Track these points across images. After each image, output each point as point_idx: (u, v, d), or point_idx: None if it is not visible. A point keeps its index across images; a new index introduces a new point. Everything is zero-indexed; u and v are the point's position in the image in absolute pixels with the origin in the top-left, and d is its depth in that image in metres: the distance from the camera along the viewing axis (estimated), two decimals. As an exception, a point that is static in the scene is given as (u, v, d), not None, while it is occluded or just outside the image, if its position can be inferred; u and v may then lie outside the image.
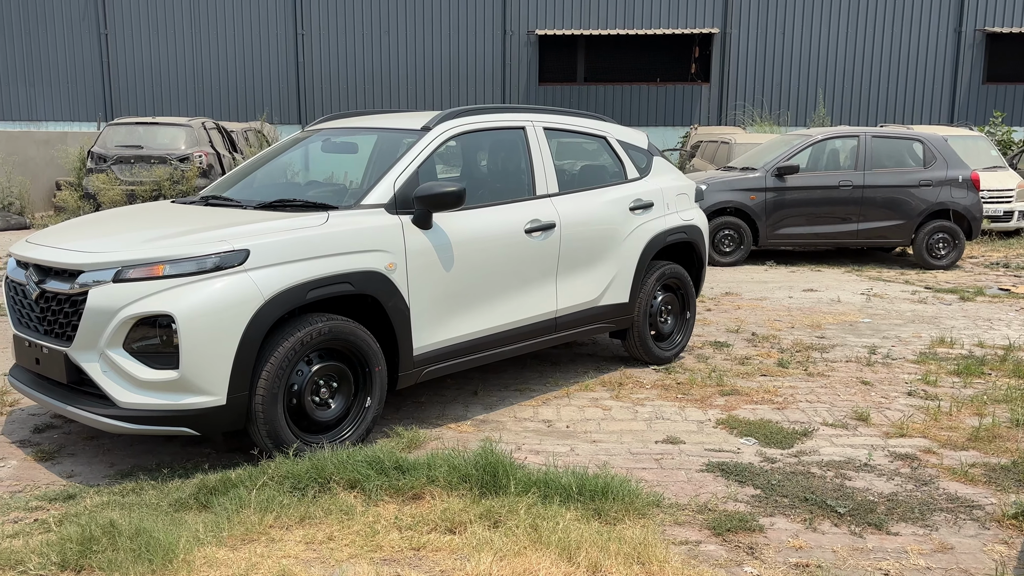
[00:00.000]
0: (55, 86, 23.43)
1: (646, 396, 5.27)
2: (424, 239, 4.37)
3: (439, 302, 4.46)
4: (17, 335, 4.16)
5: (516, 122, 5.14)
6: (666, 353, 5.95)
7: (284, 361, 3.84)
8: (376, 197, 4.32)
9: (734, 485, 3.89)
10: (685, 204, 6.06)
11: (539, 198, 5.07)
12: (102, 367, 3.72)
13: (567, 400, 5.19)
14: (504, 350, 4.90)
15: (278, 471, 3.69)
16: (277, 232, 3.90)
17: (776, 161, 10.62)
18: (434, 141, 4.65)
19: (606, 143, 5.74)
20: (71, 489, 3.75)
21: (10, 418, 4.76)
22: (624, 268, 5.52)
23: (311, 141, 5.41)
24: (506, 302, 4.83)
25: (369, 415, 4.23)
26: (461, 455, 3.80)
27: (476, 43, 22.65)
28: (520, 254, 4.87)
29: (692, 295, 6.14)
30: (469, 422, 4.78)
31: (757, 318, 7.55)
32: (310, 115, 23.10)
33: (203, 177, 13.44)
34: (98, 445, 4.36)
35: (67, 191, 13.73)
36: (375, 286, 4.15)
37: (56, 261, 3.86)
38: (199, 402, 3.68)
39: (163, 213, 4.61)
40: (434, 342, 4.49)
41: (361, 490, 3.62)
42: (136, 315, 3.63)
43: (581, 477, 3.63)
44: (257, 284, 3.74)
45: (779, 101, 21.98)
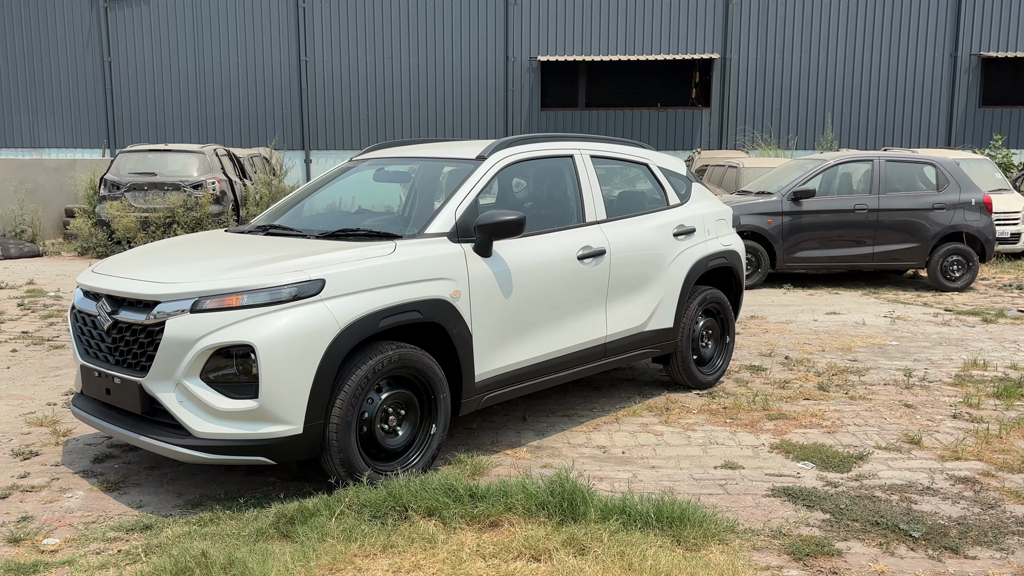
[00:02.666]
0: (59, 113, 23.46)
1: (695, 421, 5.30)
2: (485, 267, 4.42)
3: (499, 329, 4.51)
4: (85, 365, 4.17)
5: (565, 150, 5.21)
6: (708, 378, 5.99)
7: (357, 389, 3.87)
8: (439, 226, 4.37)
9: (803, 510, 3.93)
10: (724, 229, 6.14)
11: (589, 225, 5.13)
12: (178, 397, 3.73)
13: (617, 425, 5.22)
14: (558, 376, 4.94)
15: (355, 500, 3.70)
16: (350, 261, 3.94)
17: (792, 185, 10.74)
18: (491, 170, 4.71)
19: (648, 170, 5.82)
20: (145, 519, 3.75)
21: (67, 448, 4.75)
22: (669, 293, 5.58)
23: (359, 170, 5.46)
24: (560, 328, 4.87)
25: (434, 442, 4.25)
26: (535, 482, 3.82)
27: (479, 69, 22.84)
28: (573, 280, 4.92)
29: (732, 319, 6.20)
30: (524, 448, 4.80)
31: (787, 341, 7.60)
32: (314, 142, 23.20)
33: (216, 204, 13.48)
34: (161, 475, 4.36)
35: (81, 218, 13.73)
36: (442, 314, 4.19)
37: (130, 292, 3.88)
38: (276, 431, 3.69)
39: (227, 243, 4.64)
40: (494, 368, 4.52)
41: (439, 518, 3.64)
42: (215, 345, 3.65)
43: (658, 504, 3.66)
44: (333, 313, 3.78)
45: (780, 125, 22.22)
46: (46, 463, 4.52)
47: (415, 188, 5.26)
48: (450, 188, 4.67)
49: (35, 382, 6.13)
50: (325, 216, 5.25)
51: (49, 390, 5.92)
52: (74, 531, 3.68)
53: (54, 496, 4.08)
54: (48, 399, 5.71)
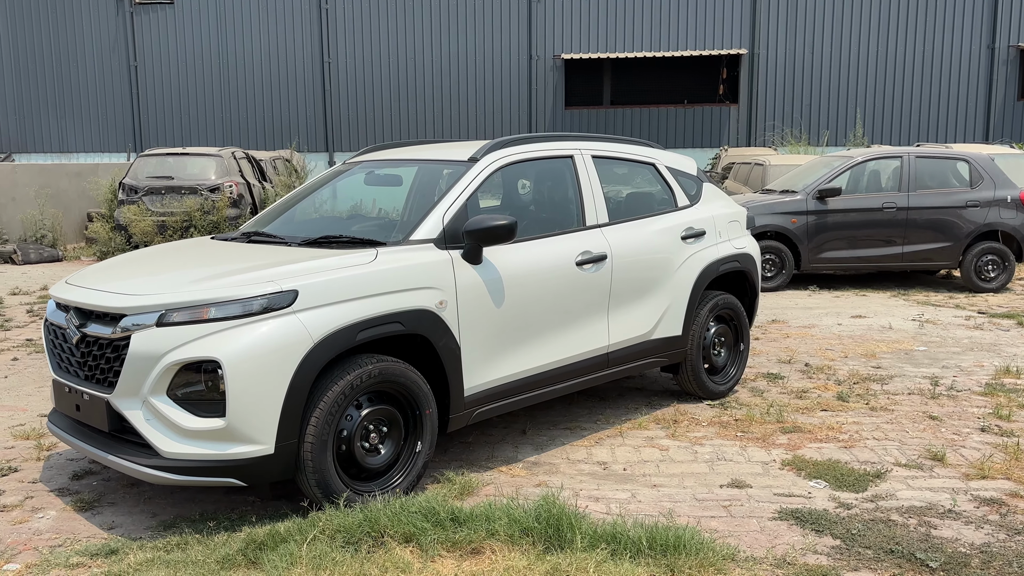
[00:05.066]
0: (85, 118, 23.68)
1: (704, 435, 5.03)
2: (474, 275, 4.19)
3: (490, 340, 4.27)
4: (57, 380, 4.02)
5: (564, 151, 4.97)
6: (720, 387, 5.71)
7: (334, 406, 3.66)
8: (425, 232, 4.15)
9: (811, 535, 3.65)
10: (737, 232, 5.85)
11: (589, 229, 4.88)
12: (145, 415, 3.55)
13: (621, 439, 4.96)
14: (556, 388, 4.69)
15: (329, 524, 3.49)
16: (325, 271, 3.74)
17: (817, 183, 10.37)
18: (482, 173, 4.48)
19: (655, 170, 5.55)
20: (112, 543, 3.58)
21: (48, 464, 4.61)
22: (677, 300, 5.31)
23: (353, 173, 5.27)
24: (557, 338, 4.63)
25: (420, 460, 4.03)
26: (521, 506, 3.58)
27: (502, 68, 22.63)
28: (571, 288, 4.68)
29: (746, 326, 5.90)
30: (520, 464, 4.56)
31: (808, 347, 7.28)
32: (337, 143, 23.16)
33: (233, 207, 13.40)
34: (139, 493, 4.20)
35: (99, 223, 13.74)
36: (426, 325, 3.97)
37: (97, 304, 3.71)
38: (246, 452, 3.50)
39: (205, 251, 4.47)
40: (485, 382, 4.29)
41: (417, 544, 3.42)
42: (180, 361, 3.46)
43: (651, 530, 3.40)
44: (306, 326, 3.57)
45: (809, 121, 21.72)
46: (24, 480, 4.37)
47: (405, 192, 5.04)
48: (439, 192, 4.44)
49: (30, 392, 6.02)
50: (314, 222, 5.05)
51: (43, 401, 5.80)
52: (38, 555, 3.52)
53: (25, 516, 3.92)
54: (41, 410, 5.59)
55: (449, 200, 4.29)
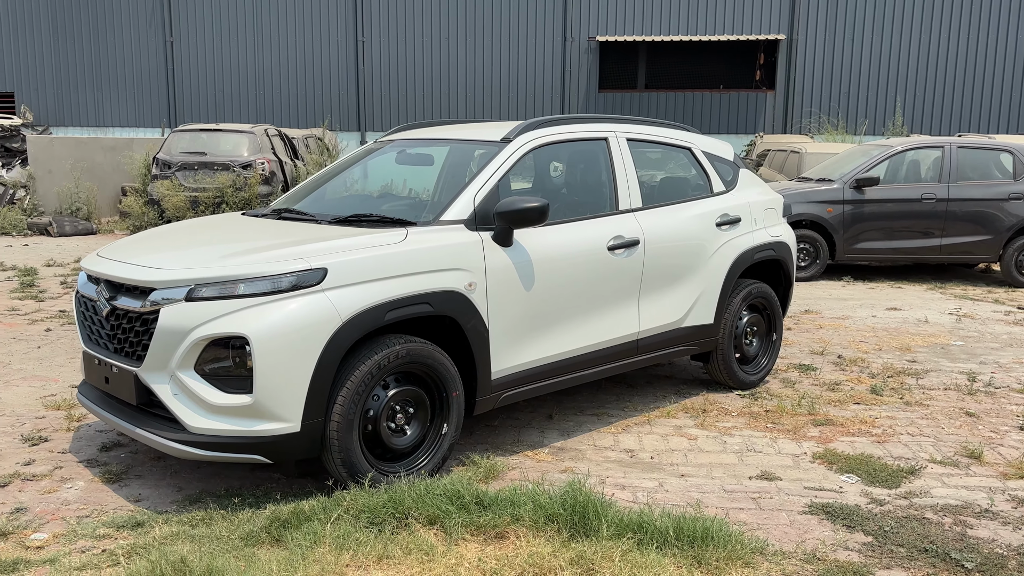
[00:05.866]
0: (122, 92, 23.88)
1: (733, 425, 4.95)
2: (504, 257, 4.14)
3: (518, 323, 4.22)
4: (87, 352, 4.03)
5: (598, 133, 4.88)
6: (751, 377, 5.62)
7: (361, 386, 3.64)
8: (455, 213, 4.10)
9: (842, 530, 3.57)
10: (773, 219, 5.73)
11: (622, 213, 4.80)
12: (172, 389, 3.55)
13: (648, 427, 4.90)
14: (584, 374, 4.64)
15: (353, 504, 3.48)
16: (355, 250, 3.70)
17: (855, 172, 10.17)
18: (515, 154, 4.41)
19: (691, 154, 5.45)
20: (139, 516, 3.59)
21: (77, 434, 4.65)
22: (709, 287, 5.21)
23: (384, 152, 5.22)
24: (587, 323, 4.57)
25: (446, 443, 4.00)
26: (546, 492, 3.54)
27: (536, 50, 22.45)
28: (602, 272, 4.61)
29: (779, 316, 5.79)
30: (546, 450, 4.52)
31: (841, 339, 7.15)
32: (369, 122, 23.16)
33: (265, 184, 13.45)
34: (165, 467, 4.21)
35: (132, 197, 13.86)
36: (454, 306, 3.93)
37: (127, 277, 3.71)
38: (272, 429, 3.48)
39: (235, 227, 4.45)
40: (513, 365, 4.24)
41: (441, 527, 3.39)
42: (209, 336, 3.45)
43: (678, 520, 3.34)
44: (335, 304, 3.54)
45: (847, 109, 21.32)
46: (53, 450, 4.41)
47: (437, 171, 4.99)
48: (472, 172, 4.39)
49: (62, 363, 6.08)
50: (344, 200, 5.02)
51: (74, 372, 5.86)
52: (65, 526, 3.54)
53: (54, 486, 3.95)
54: (72, 381, 5.64)
55: (480, 181, 4.23)
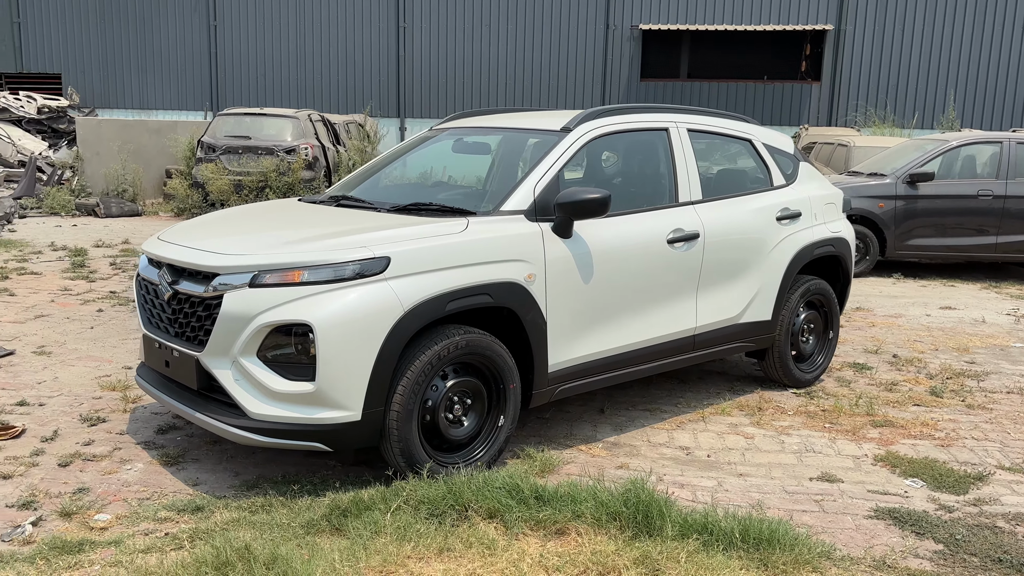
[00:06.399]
0: (165, 75, 24.12)
1: (790, 424, 4.86)
2: (564, 248, 4.08)
3: (576, 316, 4.17)
4: (147, 335, 4.05)
5: (659, 123, 4.80)
6: (807, 376, 5.51)
7: (420, 376, 3.61)
8: (515, 203, 4.05)
9: (911, 537, 3.47)
10: (833, 214, 5.60)
11: (682, 205, 4.72)
12: (234, 375, 3.55)
13: (703, 424, 4.82)
14: (639, 369, 4.57)
15: (413, 494, 3.45)
16: (417, 239, 3.67)
17: (908, 167, 9.94)
18: (575, 143, 4.34)
19: (751, 146, 5.34)
20: (198, 500, 3.60)
21: (133, 416, 4.68)
22: (768, 283, 5.11)
23: (439, 140, 5.18)
24: (644, 317, 4.50)
25: (502, 435, 3.96)
26: (607, 489, 3.49)
27: (578, 37, 22.28)
28: (661, 266, 4.53)
29: (836, 314, 5.67)
30: (600, 444, 4.47)
31: (895, 338, 7.00)
32: (409, 109, 23.16)
33: (308, 169, 13.50)
34: (221, 451, 4.23)
35: (177, 179, 13.98)
36: (514, 298, 3.88)
37: (190, 262, 3.71)
38: (333, 417, 3.47)
39: (295, 213, 4.44)
40: (570, 359, 4.19)
41: (501, 521, 3.35)
42: (272, 323, 3.44)
43: (744, 522, 3.28)
44: (397, 294, 3.51)
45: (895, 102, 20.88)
46: (111, 431, 4.45)
47: (496, 160, 4.94)
48: (531, 162, 4.33)
49: (115, 344, 6.14)
50: (401, 188, 4.99)
51: (128, 353, 5.91)
52: (127, 507, 3.56)
53: (114, 467, 3.98)
54: (125, 362, 5.69)
55: (541, 171, 4.17)
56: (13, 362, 5.60)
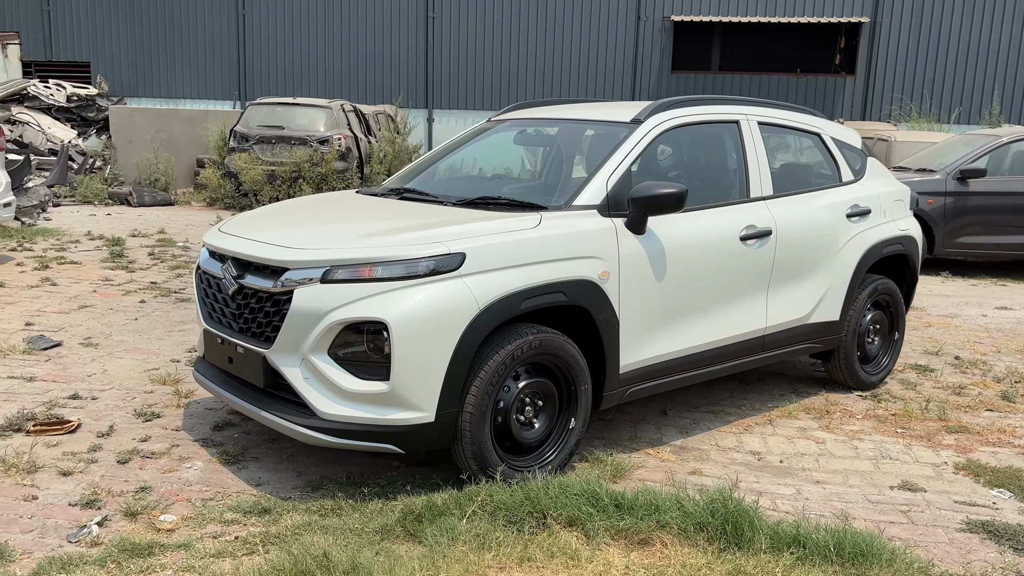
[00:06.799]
0: (194, 64, 24.08)
1: (860, 428, 4.69)
2: (637, 245, 3.93)
3: (648, 315, 4.02)
4: (208, 330, 3.94)
5: (730, 115, 4.63)
6: (872, 378, 5.34)
7: (494, 376, 3.48)
8: (588, 197, 3.90)
9: (1010, 553, 3.31)
10: (901, 212, 5.42)
11: (753, 201, 4.56)
12: (303, 373, 3.43)
13: (771, 428, 4.67)
14: (710, 370, 4.43)
15: (488, 499, 3.33)
16: (492, 235, 3.53)
17: (959, 163, 9.69)
18: (647, 136, 4.19)
19: (820, 141, 5.16)
20: (264, 501, 3.49)
21: (188, 411, 4.59)
22: (837, 282, 4.94)
23: (497, 132, 5.04)
24: (715, 317, 4.35)
25: (572, 438, 3.83)
26: (691, 498, 3.35)
27: (608, 29, 22.02)
28: (733, 264, 4.38)
29: (903, 314, 5.50)
30: (668, 448, 4.32)
31: (954, 338, 6.80)
32: (437, 101, 23.01)
33: (341, 160, 13.39)
34: (281, 449, 4.12)
35: (210, 169, 13.92)
36: (588, 296, 3.74)
37: (258, 256, 3.59)
38: (407, 418, 3.35)
39: (358, 206, 4.32)
40: (640, 359, 4.05)
41: (581, 529, 3.22)
42: (345, 320, 3.32)
43: (837, 534, 3.13)
44: (472, 291, 3.38)
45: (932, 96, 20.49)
46: (167, 427, 4.35)
47: (561, 153, 4.79)
48: (601, 155, 4.17)
49: (160, 336, 6.06)
50: (461, 181, 4.86)
51: (174, 345, 5.83)
52: (191, 508, 3.46)
53: (173, 465, 3.89)
54: (172, 355, 5.60)
55: (612, 164, 4.02)
56: (61, 353, 5.52)
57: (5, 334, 5.89)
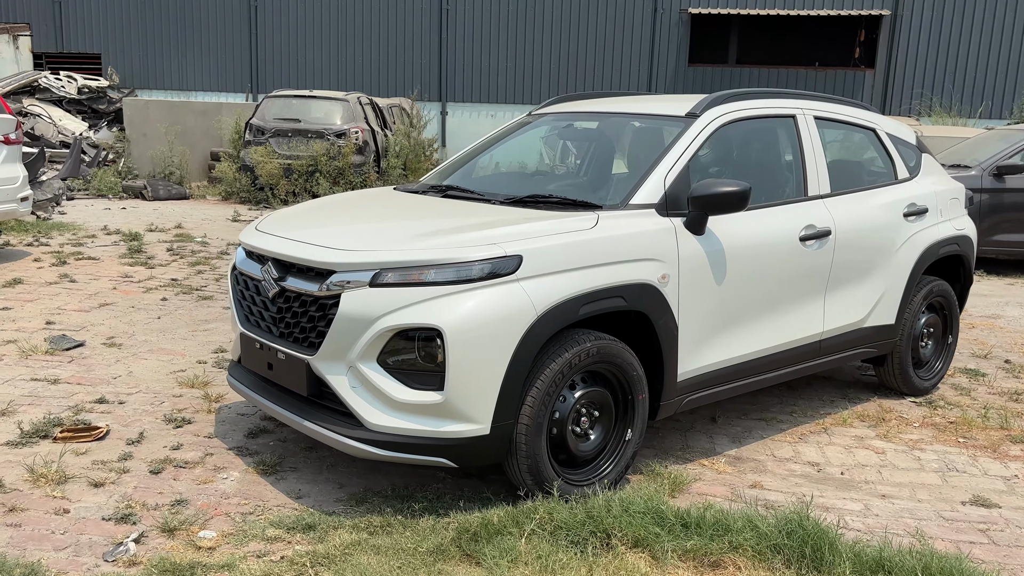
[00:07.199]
0: (205, 56, 23.89)
1: (920, 437, 4.49)
2: (697, 246, 3.73)
3: (707, 320, 3.82)
4: (245, 334, 3.74)
5: (786, 109, 4.42)
6: (925, 383, 5.13)
7: (551, 386, 3.29)
8: (645, 196, 3.70)
9: (1101, 577, 3.11)
10: (956, 210, 5.21)
11: (811, 200, 4.35)
12: (351, 382, 3.24)
13: (826, 437, 4.46)
14: (766, 377, 4.22)
15: (548, 518, 3.14)
16: (549, 236, 3.33)
17: (995, 159, 9.45)
18: (704, 131, 3.98)
19: (875, 136, 4.95)
20: (307, 516, 3.31)
21: (219, 417, 4.40)
22: (893, 284, 4.73)
23: (538, 126, 4.84)
24: (773, 321, 4.14)
25: (629, 450, 3.63)
26: (764, 517, 3.15)
27: (625, 21, 21.75)
28: (792, 266, 4.17)
29: (956, 317, 5.29)
30: (723, 459, 4.12)
31: (1000, 341, 6.58)
32: (450, 94, 22.78)
33: (359, 154, 13.19)
34: (319, 458, 3.93)
35: (226, 162, 13.74)
36: (647, 301, 3.54)
37: (301, 257, 3.40)
38: (461, 430, 3.15)
39: (401, 204, 4.11)
40: (698, 367, 3.85)
41: (648, 551, 3.03)
42: (397, 326, 3.13)
43: (924, 558, 2.93)
44: (530, 296, 3.19)
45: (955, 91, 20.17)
46: (199, 433, 4.17)
47: (609, 149, 4.59)
48: (655, 151, 3.97)
49: (185, 336, 5.88)
50: (505, 178, 4.66)
51: (199, 346, 5.65)
52: (231, 523, 3.28)
53: (208, 476, 3.70)
54: (198, 356, 5.42)
55: (670, 161, 3.81)
56: (84, 354, 5.35)
57: (26, 333, 5.72)
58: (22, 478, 3.59)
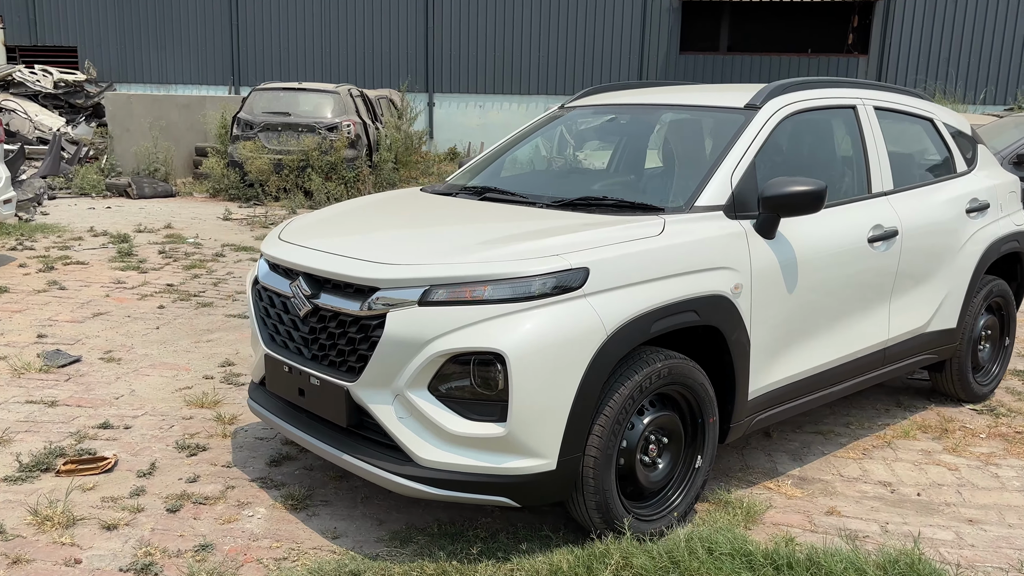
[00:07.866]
0: (185, 49, 23.27)
1: (991, 450, 4.19)
2: (769, 252, 3.39)
3: (779, 332, 3.49)
4: (271, 356, 3.36)
5: (846, 99, 4.09)
6: (983, 388, 4.84)
7: (621, 413, 2.94)
8: (711, 197, 3.35)
9: None
10: (1015, 204, 4.91)
11: (875, 197, 4.03)
12: (398, 412, 2.88)
13: (891, 451, 4.16)
14: (833, 390, 3.91)
15: (624, 563, 2.80)
16: (614, 244, 2.98)
17: (1015, 146, 9.19)
18: (768, 123, 3.64)
19: (933, 127, 4.63)
20: (349, 561, 2.95)
21: (235, 443, 4.02)
22: (956, 285, 4.43)
23: (572, 119, 4.48)
24: (839, 331, 3.82)
25: (699, 478, 3.30)
26: (865, 559, 2.83)
27: (615, 8, 21.36)
28: (862, 269, 3.85)
29: (1014, 318, 4.99)
30: (789, 481, 3.80)
31: (1042, 339, 6.30)
32: (437, 84, 22.32)
33: (351, 148, 12.76)
34: (351, 488, 3.57)
35: (213, 158, 13.25)
36: (720, 314, 3.20)
37: (338, 272, 3.02)
38: (525, 467, 2.80)
39: (438, 210, 3.73)
40: (768, 383, 3.52)
41: (741, 599, 2.70)
42: (452, 351, 2.76)
43: (1053, 604, 2.62)
44: (598, 313, 2.84)
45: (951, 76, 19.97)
46: (215, 462, 3.79)
47: (658, 145, 4.23)
48: (714, 146, 3.63)
49: (187, 348, 5.48)
50: (545, 177, 4.30)
51: (204, 359, 5.26)
52: (265, 571, 2.91)
53: (232, 513, 3.33)
54: (204, 370, 5.04)
55: (735, 157, 3.47)
56: (81, 371, 4.94)
57: (16, 348, 5.30)
58: (25, 521, 3.21)
